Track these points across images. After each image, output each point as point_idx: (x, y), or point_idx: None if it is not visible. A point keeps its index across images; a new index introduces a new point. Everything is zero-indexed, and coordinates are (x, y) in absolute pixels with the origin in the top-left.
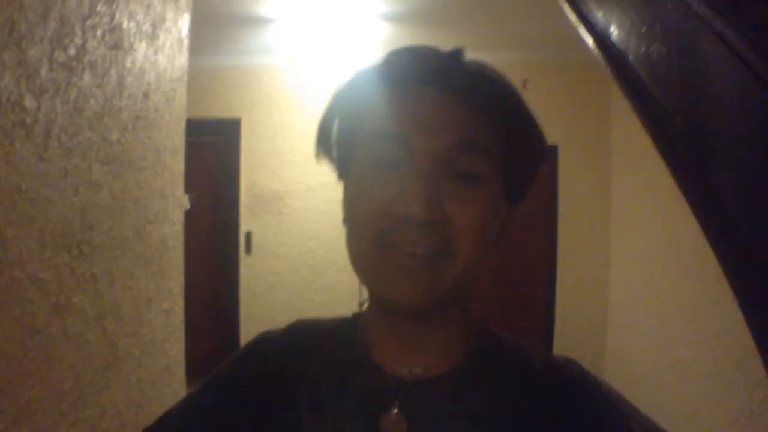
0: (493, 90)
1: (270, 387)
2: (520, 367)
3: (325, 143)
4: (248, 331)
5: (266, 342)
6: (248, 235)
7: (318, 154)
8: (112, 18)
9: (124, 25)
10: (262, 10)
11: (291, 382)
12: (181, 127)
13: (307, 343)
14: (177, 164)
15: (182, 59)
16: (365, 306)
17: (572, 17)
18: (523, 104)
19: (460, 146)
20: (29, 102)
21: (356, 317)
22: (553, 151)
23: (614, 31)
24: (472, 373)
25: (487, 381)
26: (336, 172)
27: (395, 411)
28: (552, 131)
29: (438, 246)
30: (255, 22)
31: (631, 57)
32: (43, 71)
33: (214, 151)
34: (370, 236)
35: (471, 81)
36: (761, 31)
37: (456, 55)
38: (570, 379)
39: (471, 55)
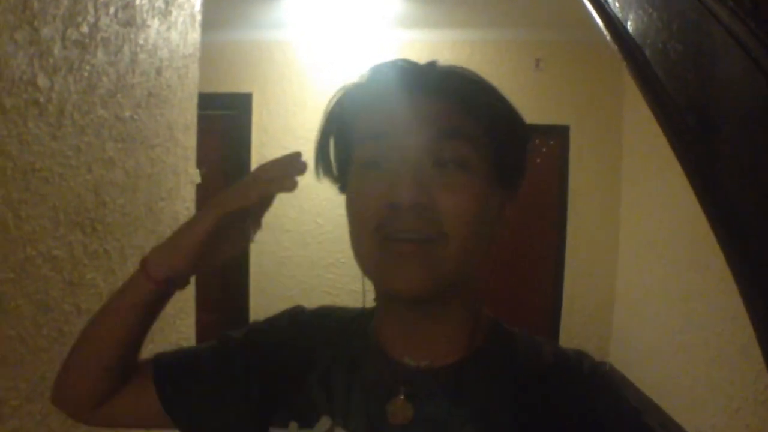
0: (467, 84)
1: (289, 360)
2: (530, 361)
3: (324, 162)
4: (258, 306)
5: (300, 315)
6: None
7: (318, 174)
8: None
9: (137, 1)
10: None
11: (308, 361)
12: (194, 103)
13: (329, 328)
14: (189, 140)
15: (195, 35)
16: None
17: (589, 4)
18: (497, 92)
19: (442, 134)
20: (42, 81)
21: (372, 309)
22: (564, 131)
23: (632, 24)
24: (478, 365)
25: (494, 373)
26: (338, 187)
27: (401, 397)
28: (564, 111)
29: (430, 231)
30: None
31: (647, 52)
32: (56, 50)
33: (225, 125)
34: (368, 232)
35: (446, 80)
36: None
37: (431, 64)
38: (580, 372)
39: (485, 33)
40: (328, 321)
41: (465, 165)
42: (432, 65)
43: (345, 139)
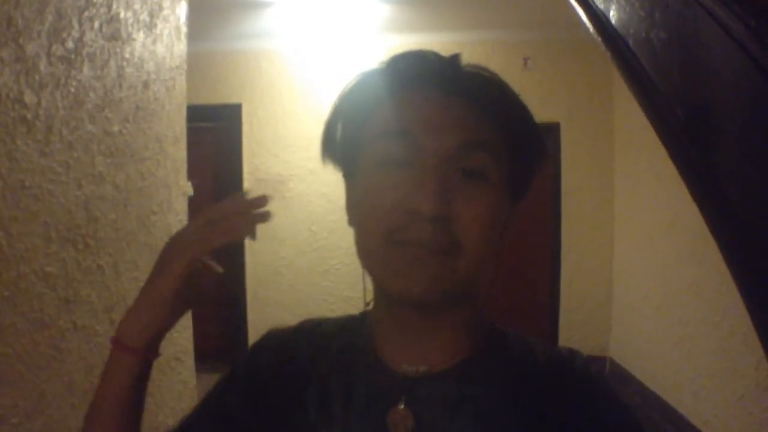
0: (494, 92)
1: (280, 386)
2: (523, 362)
3: (329, 145)
4: (255, 316)
5: (276, 340)
6: None
7: (323, 156)
8: (109, 9)
9: (122, 15)
10: None
11: (300, 380)
12: (182, 115)
13: (316, 342)
14: (179, 153)
15: (181, 47)
16: (371, 305)
17: None
18: (522, 105)
19: (467, 144)
20: (29, 97)
21: (363, 315)
22: (555, 129)
23: (614, 15)
24: (476, 368)
25: (490, 376)
26: (341, 172)
27: (401, 406)
28: (554, 110)
29: (445, 241)
30: (254, 5)
31: (631, 42)
32: (42, 66)
33: (215, 136)
34: (381, 234)
35: (473, 83)
36: (762, 19)
37: (455, 60)
38: (573, 372)
39: (473, 34)
40: (314, 335)
41: (486, 177)
42: (456, 61)
43: (357, 126)
